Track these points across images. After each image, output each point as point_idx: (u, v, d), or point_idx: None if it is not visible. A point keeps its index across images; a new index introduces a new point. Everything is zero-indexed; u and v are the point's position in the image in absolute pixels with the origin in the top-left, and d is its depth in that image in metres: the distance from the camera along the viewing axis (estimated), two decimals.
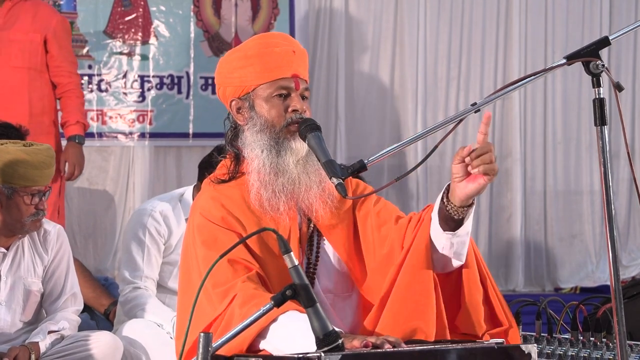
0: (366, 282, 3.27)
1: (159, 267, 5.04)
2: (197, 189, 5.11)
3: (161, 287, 5.04)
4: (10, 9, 6.13)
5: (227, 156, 3.31)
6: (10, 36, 6.10)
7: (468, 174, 3.03)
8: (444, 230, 3.11)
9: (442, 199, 3.11)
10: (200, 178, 5.10)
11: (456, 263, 3.18)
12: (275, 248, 3.11)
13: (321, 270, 3.27)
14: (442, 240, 3.14)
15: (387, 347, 2.86)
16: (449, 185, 3.10)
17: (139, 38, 7.24)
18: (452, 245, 3.14)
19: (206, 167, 5.06)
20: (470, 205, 3.12)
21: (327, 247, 3.30)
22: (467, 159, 3.00)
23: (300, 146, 3.18)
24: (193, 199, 5.04)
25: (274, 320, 2.93)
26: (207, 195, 3.25)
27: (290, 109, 3.21)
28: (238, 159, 3.27)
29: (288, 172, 3.19)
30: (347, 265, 3.27)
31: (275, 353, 2.93)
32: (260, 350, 2.97)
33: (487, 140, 3.00)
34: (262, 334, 2.95)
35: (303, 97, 3.25)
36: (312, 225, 3.27)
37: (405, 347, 2.90)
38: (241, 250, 3.10)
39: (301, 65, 3.27)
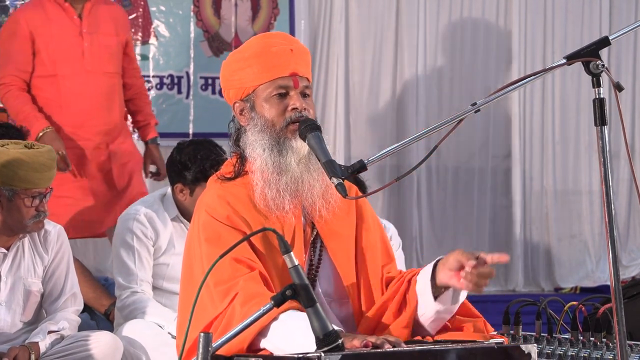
0: (356, 297, 3.29)
1: (152, 269, 5.02)
2: (173, 190, 5.08)
3: (156, 288, 5.03)
4: (90, 11, 5.97)
5: (233, 155, 3.31)
6: (100, 40, 5.95)
7: (459, 270, 3.06)
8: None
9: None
10: (169, 179, 5.07)
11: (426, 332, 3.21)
12: (278, 247, 3.12)
13: (322, 273, 3.28)
14: (429, 309, 3.17)
15: (387, 347, 2.86)
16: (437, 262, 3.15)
17: (139, 38, 7.24)
18: (435, 316, 3.17)
19: (170, 168, 5.05)
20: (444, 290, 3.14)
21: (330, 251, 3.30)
22: (467, 264, 3.02)
23: (301, 145, 3.18)
24: (174, 199, 5.04)
25: (275, 318, 2.93)
26: (213, 192, 3.25)
27: (289, 108, 3.21)
28: (243, 157, 3.28)
29: (290, 171, 3.19)
30: (342, 274, 3.27)
31: (275, 352, 2.93)
32: (261, 349, 2.97)
33: (491, 267, 3.02)
34: (262, 333, 2.95)
35: (304, 95, 3.25)
36: (315, 229, 3.28)
37: (405, 347, 2.90)
38: (245, 248, 3.10)
39: (300, 64, 3.26)
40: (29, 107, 5.82)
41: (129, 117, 6.29)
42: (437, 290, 3.13)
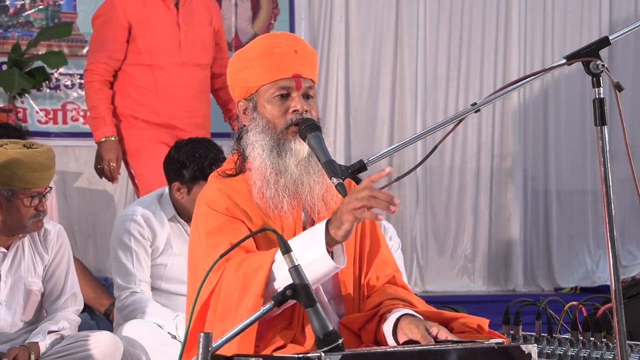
0: (355, 295, 3.30)
1: (150, 270, 5.01)
2: (170, 189, 5.07)
3: (154, 289, 5.02)
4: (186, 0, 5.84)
5: (235, 153, 3.32)
6: (195, 31, 5.82)
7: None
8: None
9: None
10: (167, 178, 5.06)
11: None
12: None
13: None
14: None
15: None
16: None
17: None
18: None
19: (168, 166, 5.03)
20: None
21: None
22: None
23: (300, 147, 3.18)
24: (171, 199, 5.03)
25: (273, 261, 2.99)
26: (213, 187, 3.27)
27: (290, 110, 3.21)
28: (244, 156, 3.28)
29: (289, 173, 3.19)
30: (342, 273, 3.27)
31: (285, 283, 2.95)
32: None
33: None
34: (270, 279, 2.99)
35: (308, 97, 3.25)
36: None
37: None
38: (248, 240, 3.11)
39: (304, 65, 3.25)
40: (104, 106, 5.77)
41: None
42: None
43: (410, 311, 3.15)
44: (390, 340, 3.12)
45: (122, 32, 5.77)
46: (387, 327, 3.14)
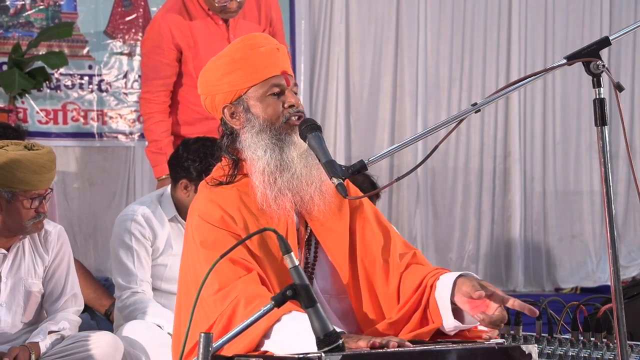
0: (355, 291, 3.29)
1: (150, 270, 5.01)
2: (172, 188, 5.06)
3: (154, 289, 5.02)
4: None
5: (223, 160, 3.31)
6: (244, 29, 5.58)
7: (473, 302, 3.06)
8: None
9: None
10: (173, 176, 5.05)
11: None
12: (274, 248, 3.13)
13: (318, 270, 3.28)
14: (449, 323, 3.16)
15: (393, 346, 2.85)
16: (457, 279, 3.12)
17: (139, 38, 7.24)
18: (455, 330, 3.17)
19: (175, 163, 5.02)
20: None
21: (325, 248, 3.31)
22: (475, 294, 3.03)
23: (301, 140, 3.20)
24: (174, 198, 5.02)
25: (278, 320, 2.94)
26: (203, 196, 3.26)
27: (286, 105, 3.24)
28: (236, 163, 3.27)
29: (292, 167, 3.20)
30: (339, 271, 3.27)
31: (279, 352, 2.93)
32: (265, 351, 2.97)
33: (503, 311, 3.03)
34: (266, 334, 2.95)
35: (294, 93, 3.28)
36: (309, 227, 3.28)
37: (410, 346, 2.90)
38: (241, 250, 3.11)
39: (286, 62, 3.31)
40: (166, 140, 5.72)
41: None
42: (457, 309, 3.11)
43: (465, 272, 3.15)
44: (446, 306, 3.10)
45: (173, 55, 5.68)
46: (442, 292, 3.12)
